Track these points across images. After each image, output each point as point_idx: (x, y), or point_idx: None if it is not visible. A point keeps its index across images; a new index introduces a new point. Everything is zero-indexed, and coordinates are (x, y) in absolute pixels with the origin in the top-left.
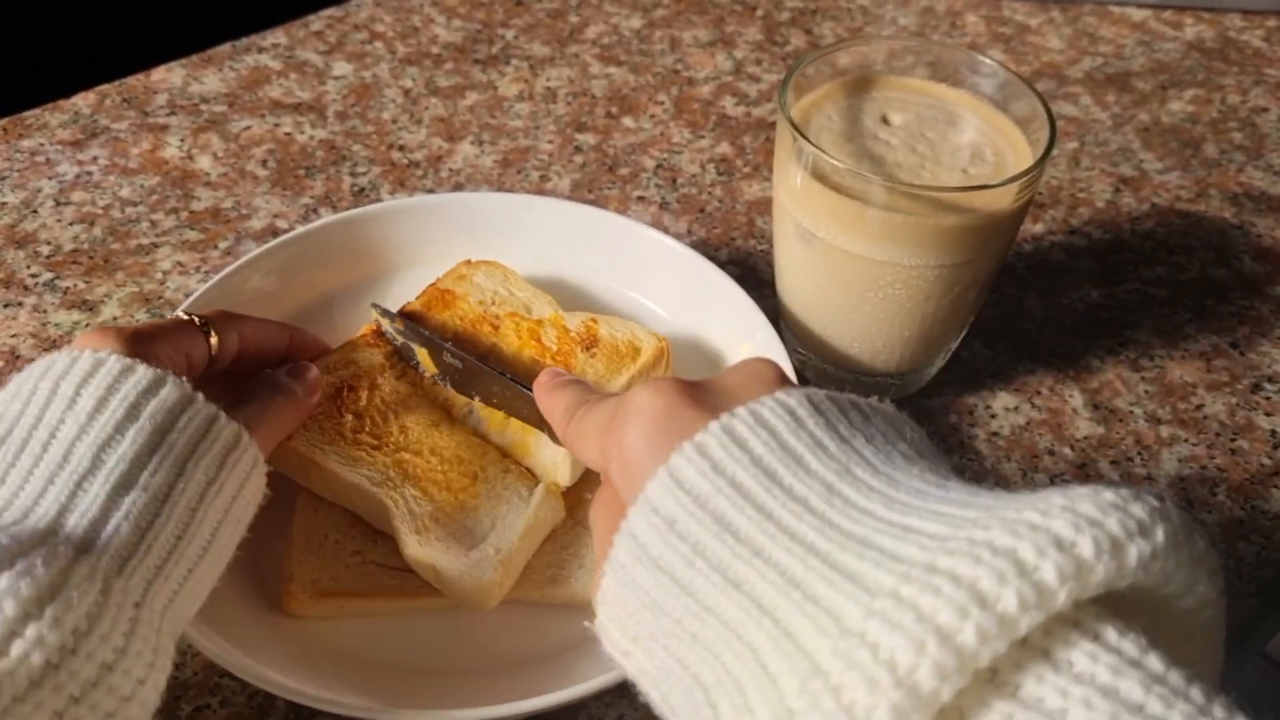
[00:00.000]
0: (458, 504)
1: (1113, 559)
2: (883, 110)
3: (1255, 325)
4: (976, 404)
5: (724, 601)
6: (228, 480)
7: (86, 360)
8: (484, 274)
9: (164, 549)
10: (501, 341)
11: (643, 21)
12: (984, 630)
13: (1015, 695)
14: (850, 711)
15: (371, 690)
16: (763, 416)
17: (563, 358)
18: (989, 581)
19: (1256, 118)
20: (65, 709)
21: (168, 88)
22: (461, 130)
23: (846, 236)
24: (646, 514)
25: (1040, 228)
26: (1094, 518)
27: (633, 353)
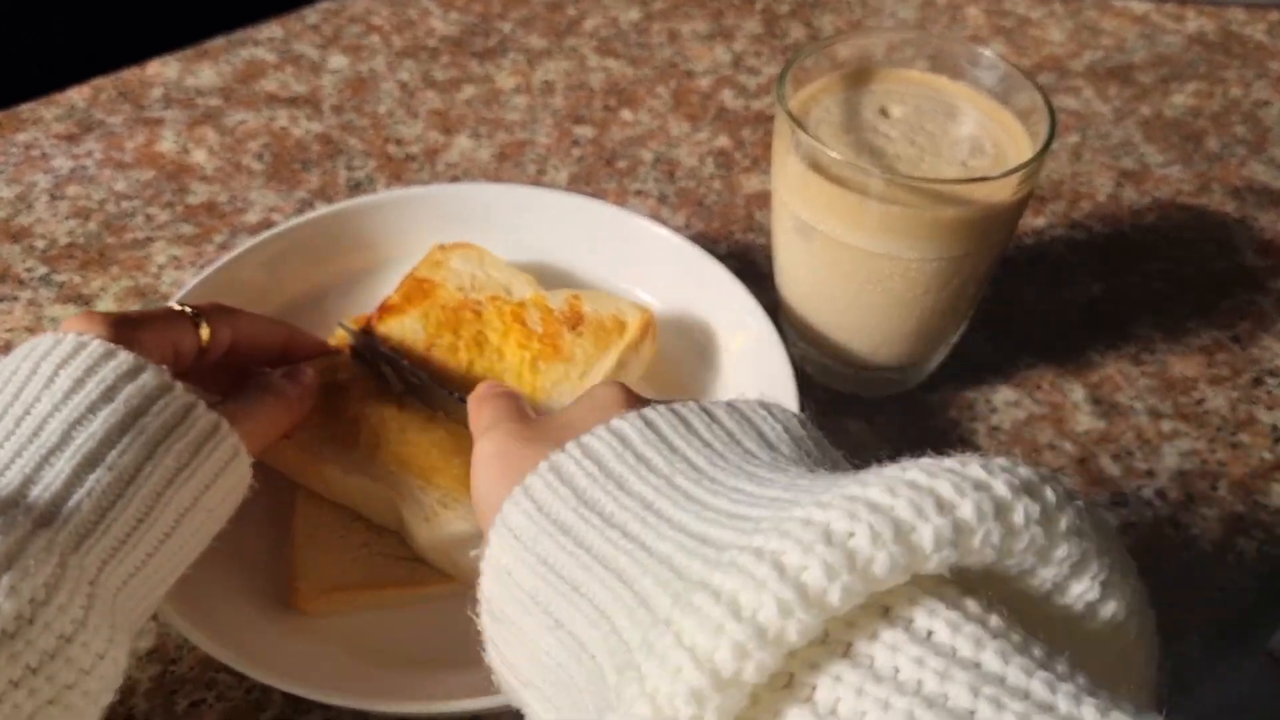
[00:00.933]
0: (464, 489)
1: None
2: (882, 103)
3: (1257, 319)
4: (977, 398)
5: (553, 642)
6: (200, 468)
7: (69, 342)
8: (460, 258)
9: (123, 530)
10: (486, 328)
11: (641, 14)
12: (830, 567)
13: (846, 655)
14: (692, 652)
15: (371, 681)
16: (590, 447)
17: (550, 339)
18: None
19: (1259, 111)
20: (22, 679)
21: (163, 81)
22: (458, 123)
23: (845, 229)
24: (491, 566)
25: (1041, 221)
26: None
27: (619, 328)
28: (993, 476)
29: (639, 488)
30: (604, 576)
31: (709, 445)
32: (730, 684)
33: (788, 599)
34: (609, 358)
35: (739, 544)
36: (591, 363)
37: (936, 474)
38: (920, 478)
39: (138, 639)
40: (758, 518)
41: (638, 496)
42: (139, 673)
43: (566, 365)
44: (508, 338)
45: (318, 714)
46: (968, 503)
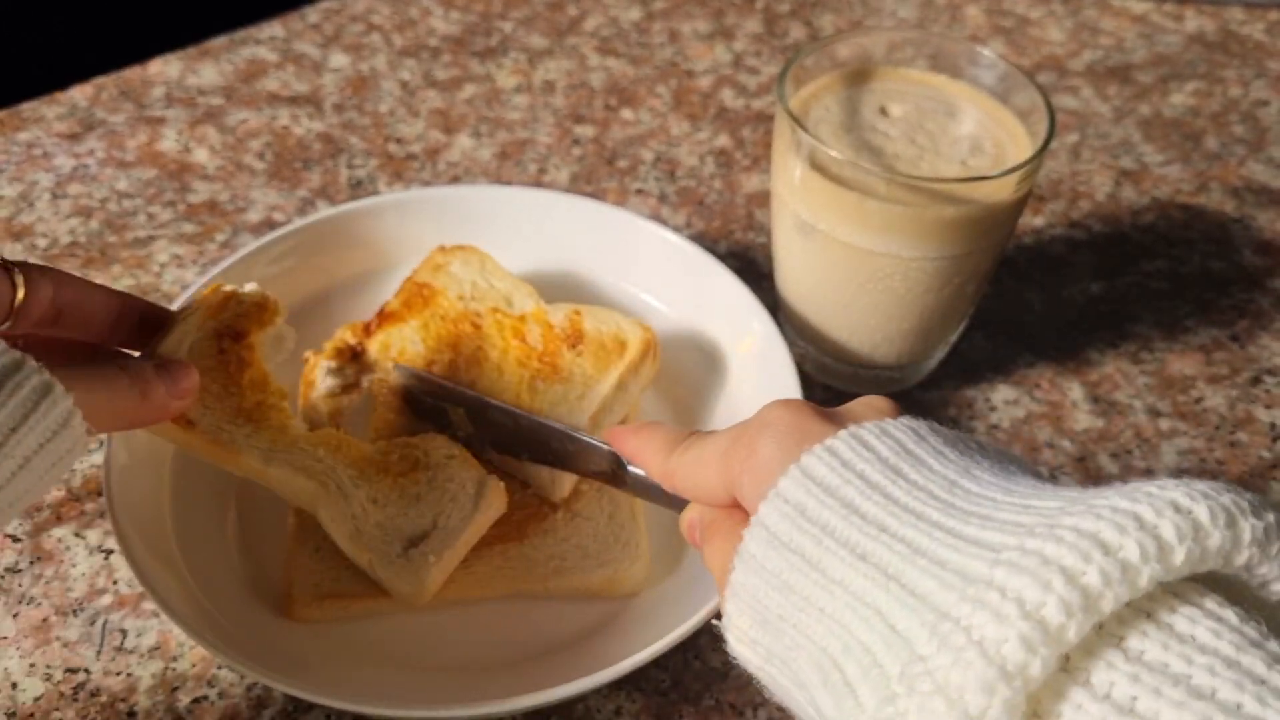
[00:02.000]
0: (398, 489)
1: (1228, 529)
2: (882, 102)
3: (1255, 318)
4: (976, 397)
5: (851, 573)
6: (33, 427)
7: None
8: (460, 262)
9: None
10: (486, 343)
11: (642, 13)
12: (1106, 573)
13: (1119, 647)
14: (981, 646)
15: (371, 685)
16: (888, 429)
17: (550, 358)
18: (1111, 533)
19: (1258, 111)
20: None
21: (164, 80)
22: (459, 122)
23: (845, 228)
24: (778, 504)
25: (1040, 220)
26: (1207, 492)
27: (619, 348)
28: (1263, 509)
29: (939, 468)
30: (915, 523)
31: (986, 455)
32: (1016, 676)
33: (1071, 600)
34: (608, 379)
35: (1018, 546)
36: (590, 384)
37: (1195, 498)
38: (1180, 498)
39: (139, 636)
40: (1028, 524)
41: (940, 474)
42: (141, 669)
43: (565, 386)
44: (507, 355)
45: (319, 712)
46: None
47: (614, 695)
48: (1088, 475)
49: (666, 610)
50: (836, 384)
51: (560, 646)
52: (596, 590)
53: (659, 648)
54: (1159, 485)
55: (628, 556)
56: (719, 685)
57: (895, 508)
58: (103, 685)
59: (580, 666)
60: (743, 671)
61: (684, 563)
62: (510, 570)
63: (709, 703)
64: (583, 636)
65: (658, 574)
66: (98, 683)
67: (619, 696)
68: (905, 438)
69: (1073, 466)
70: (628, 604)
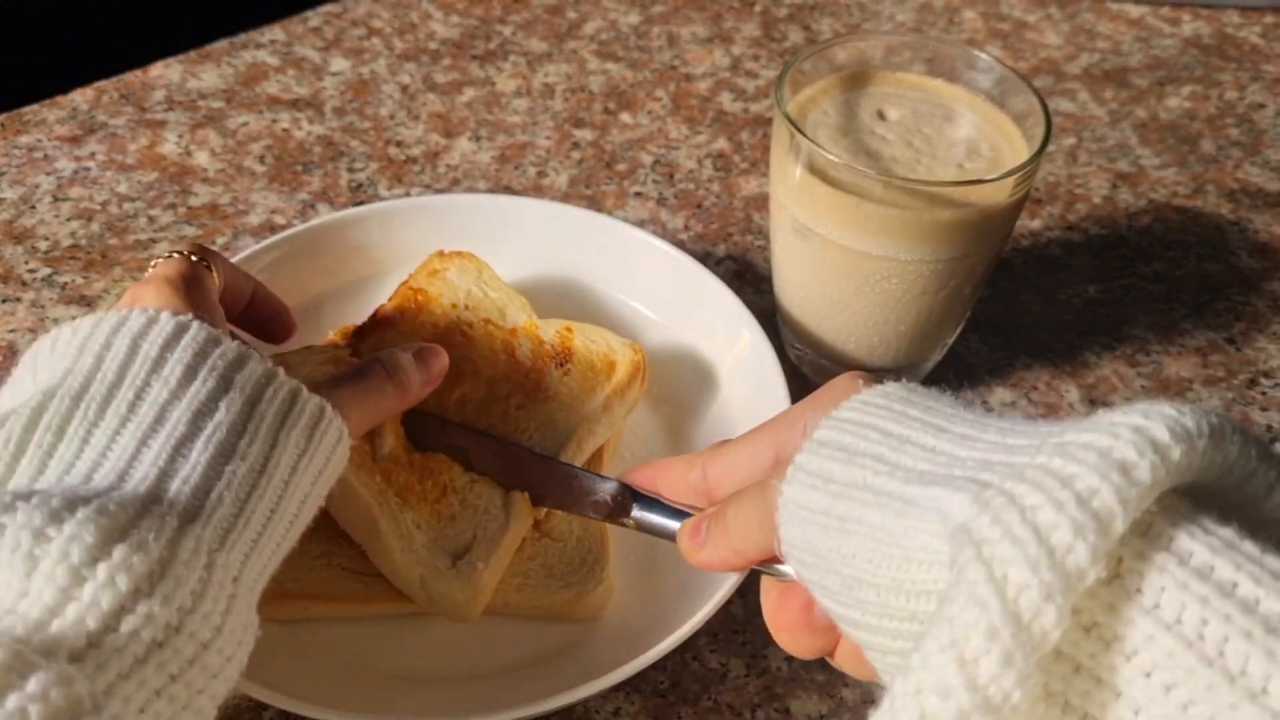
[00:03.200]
0: (435, 514)
1: (1212, 438)
2: (879, 105)
3: (1251, 321)
4: (973, 399)
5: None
6: (315, 454)
7: (168, 323)
8: (457, 269)
9: (260, 522)
10: (475, 354)
11: (640, 18)
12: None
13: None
14: (1067, 482)
15: (354, 698)
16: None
17: (536, 375)
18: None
19: (1254, 114)
20: (164, 687)
21: (165, 84)
22: (459, 126)
23: (843, 231)
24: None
25: (1037, 224)
26: (1180, 409)
27: (607, 369)
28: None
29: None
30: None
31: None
32: (1088, 506)
33: (1122, 485)
34: (593, 401)
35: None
36: (578, 405)
37: (1184, 412)
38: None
39: None
40: (1046, 442)
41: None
42: None
43: (550, 406)
44: (495, 370)
45: None
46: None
47: (613, 696)
48: None
49: (664, 612)
50: None
51: (534, 661)
52: (557, 611)
53: (659, 650)
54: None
55: (592, 580)
56: (717, 686)
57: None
58: None
59: (578, 672)
60: (741, 673)
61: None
62: None
63: (707, 704)
64: (580, 641)
65: (621, 604)
66: None
67: (618, 698)
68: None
69: None
70: (623, 608)
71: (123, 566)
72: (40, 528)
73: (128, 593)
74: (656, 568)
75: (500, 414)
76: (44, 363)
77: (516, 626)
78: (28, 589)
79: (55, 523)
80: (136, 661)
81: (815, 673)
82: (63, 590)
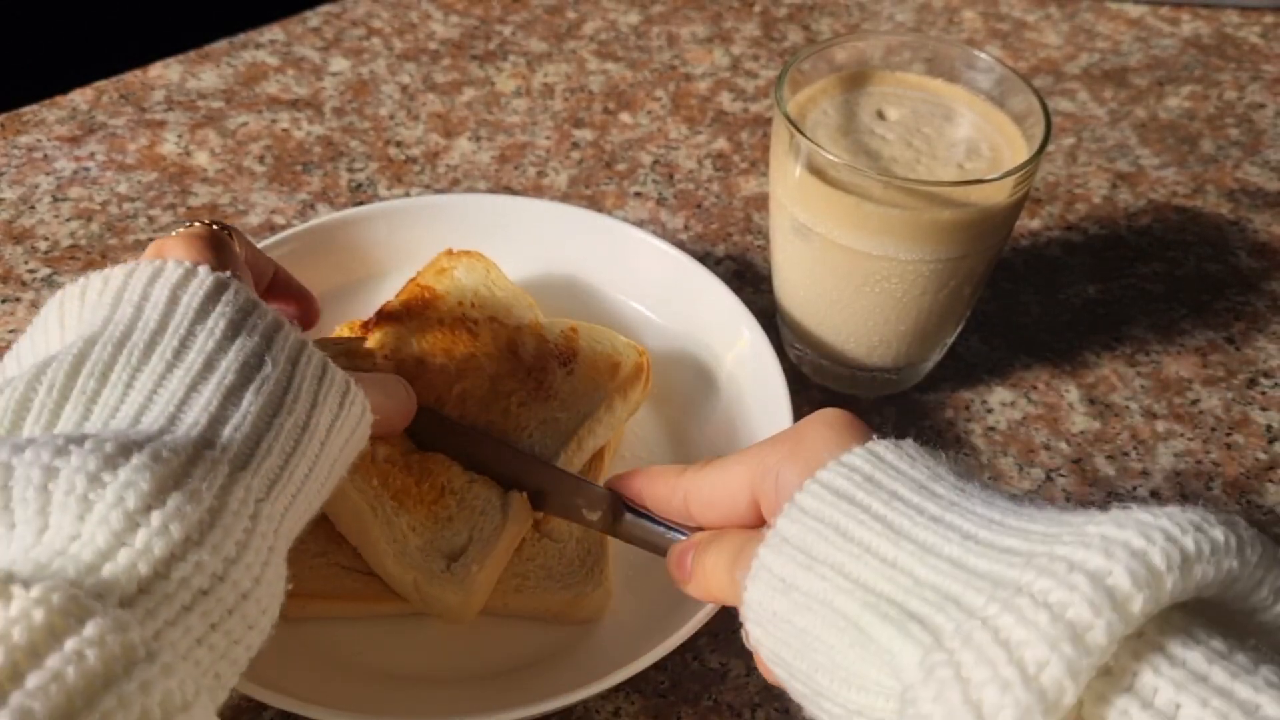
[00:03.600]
0: (431, 516)
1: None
2: (879, 105)
3: (1251, 321)
4: (973, 399)
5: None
6: (345, 422)
7: (208, 278)
8: (465, 268)
9: (300, 477)
10: (479, 352)
11: (640, 17)
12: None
13: (1162, 653)
14: (1050, 608)
15: (354, 698)
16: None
17: (539, 373)
18: (1100, 560)
19: (1253, 114)
20: (205, 635)
21: (165, 84)
22: (459, 126)
23: (842, 231)
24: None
25: (1037, 223)
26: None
27: (611, 370)
28: (1231, 530)
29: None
30: (913, 548)
31: (937, 476)
32: (1034, 681)
33: (1138, 574)
34: (596, 400)
35: (1042, 551)
36: (580, 404)
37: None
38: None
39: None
40: (1049, 533)
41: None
42: None
43: (551, 404)
44: (498, 367)
45: None
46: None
47: (613, 696)
48: (1084, 477)
49: (664, 612)
50: (833, 386)
51: (532, 662)
52: (556, 612)
53: (659, 650)
54: (1145, 517)
55: (591, 582)
56: (717, 686)
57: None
58: None
59: (578, 672)
60: (741, 672)
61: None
62: None
63: (707, 703)
64: (580, 641)
65: (621, 604)
66: None
67: (618, 698)
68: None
69: (1069, 468)
70: (624, 608)
71: (177, 515)
72: (95, 472)
73: (180, 540)
74: (656, 568)
75: (501, 410)
76: (73, 310)
77: (516, 627)
78: (80, 531)
79: (110, 468)
80: (183, 609)
81: None
82: (116, 535)
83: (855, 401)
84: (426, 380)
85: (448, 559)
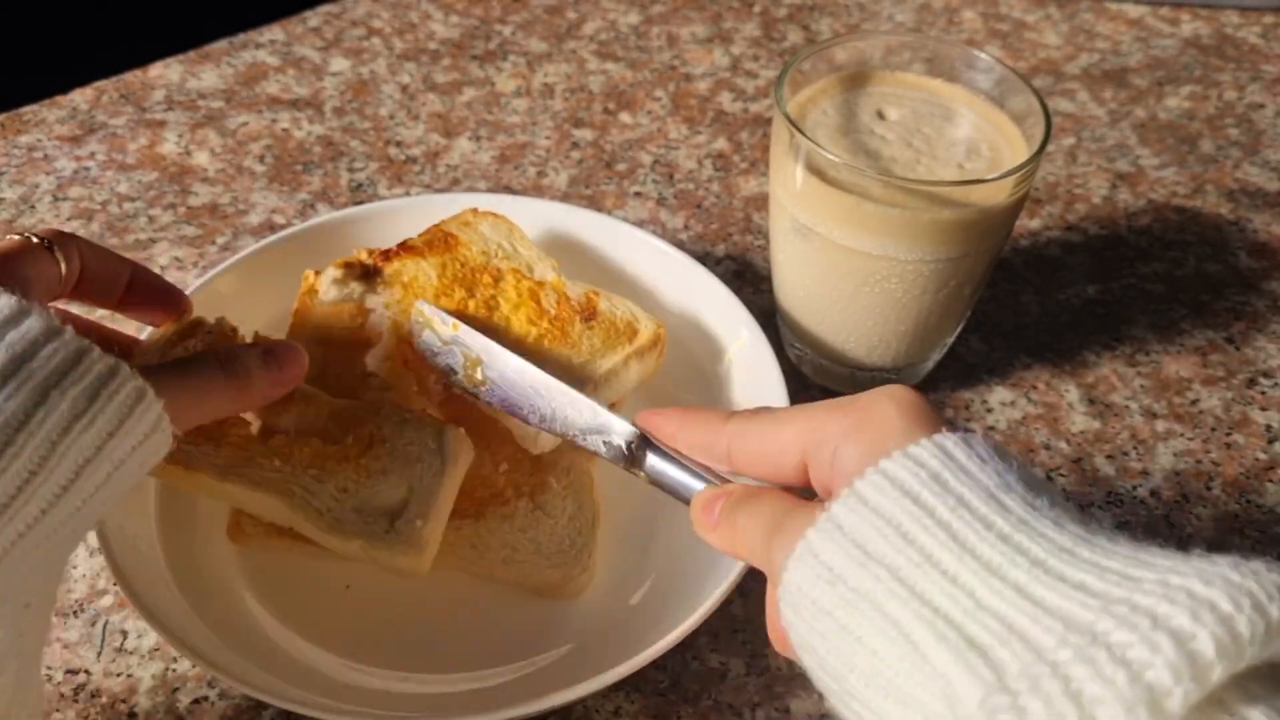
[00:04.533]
0: (362, 471)
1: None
2: (879, 105)
3: (1251, 320)
4: (973, 399)
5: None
6: (101, 414)
7: None
8: (490, 225)
9: (13, 482)
10: (500, 296)
11: (640, 18)
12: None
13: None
14: (1129, 666)
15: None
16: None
17: (560, 324)
18: (1186, 621)
19: (1253, 114)
20: None
21: (165, 84)
22: (459, 126)
23: (842, 231)
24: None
25: (1037, 223)
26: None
27: (630, 332)
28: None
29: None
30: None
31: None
32: (1160, 703)
33: (1223, 638)
34: (615, 356)
35: (1120, 597)
36: (596, 357)
37: None
38: None
39: (139, 637)
40: (1128, 575)
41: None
42: (141, 670)
43: (571, 352)
44: (519, 310)
45: None
46: None
47: (613, 696)
48: (1084, 477)
49: (664, 612)
50: (833, 386)
51: (555, 652)
52: (539, 588)
53: (659, 649)
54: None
55: (578, 563)
56: (717, 686)
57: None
58: (103, 686)
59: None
60: (741, 672)
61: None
62: (460, 549)
63: (707, 703)
64: (580, 640)
65: (621, 601)
66: (98, 684)
67: (618, 697)
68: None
69: (1069, 468)
70: (623, 607)
71: None
72: None
73: None
74: (656, 566)
75: (518, 349)
76: None
77: (517, 625)
78: None
79: None
80: None
81: None
82: None
83: None
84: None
85: (389, 517)
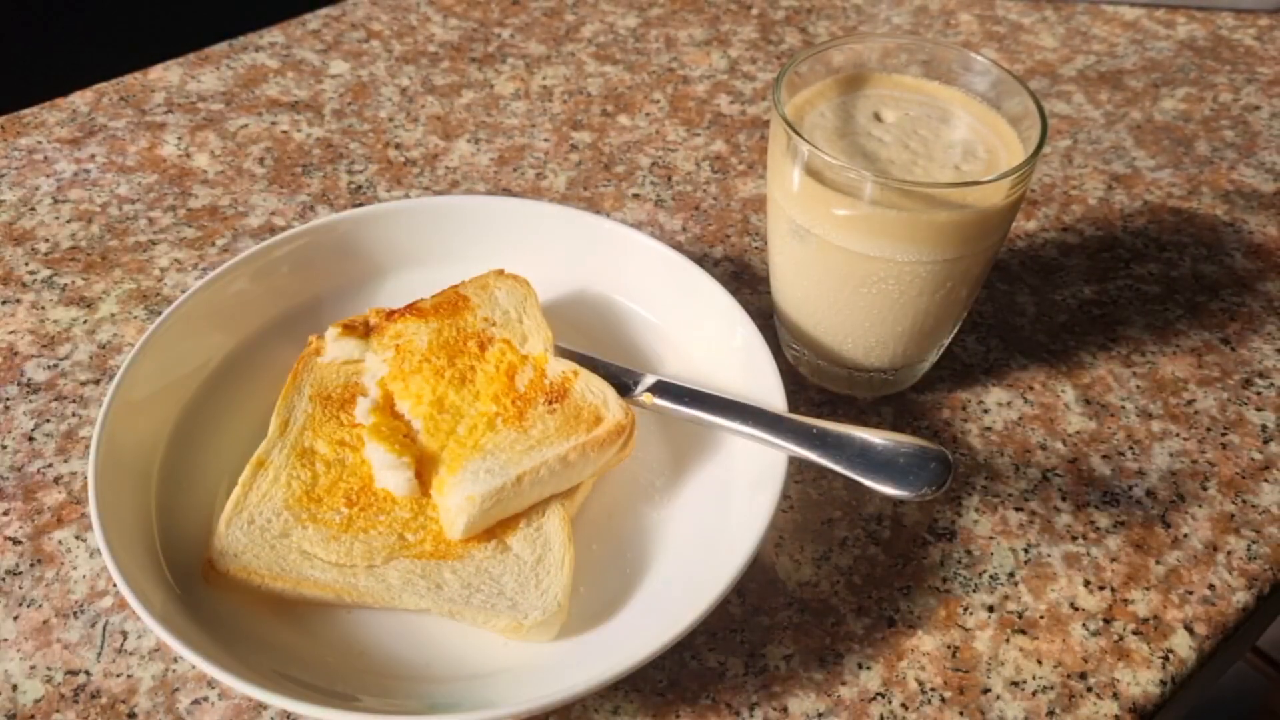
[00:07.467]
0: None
1: None
2: (876, 107)
3: (1246, 321)
4: (969, 399)
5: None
6: None
7: None
8: (506, 291)
9: None
10: (480, 367)
11: (638, 20)
12: None
13: None
14: None
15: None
16: None
17: (521, 405)
18: None
19: (1248, 116)
20: None
21: (165, 86)
22: (458, 128)
23: (840, 233)
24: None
25: (1033, 225)
26: None
27: (592, 421)
28: None
29: None
30: None
31: None
32: None
33: None
34: (565, 444)
35: None
36: (545, 443)
37: None
38: None
39: (139, 638)
40: None
41: None
42: (141, 671)
43: (518, 435)
44: (490, 385)
45: None
46: None
47: (611, 695)
48: (1080, 477)
49: (663, 611)
50: (831, 386)
51: (553, 652)
52: (501, 631)
53: (658, 648)
54: None
55: (542, 607)
56: (716, 685)
57: None
58: (103, 687)
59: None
60: (739, 671)
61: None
62: (422, 586)
63: (706, 702)
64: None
65: (619, 602)
66: (98, 684)
67: (616, 696)
68: None
69: (1065, 468)
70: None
71: None
72: None
73: None
74: (654, 566)
75: (470, 425)
76: None
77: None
78: None
79: None
80: None
81: (813, 671)
82: None
83: (852, 401)
84: (422, 376)
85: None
